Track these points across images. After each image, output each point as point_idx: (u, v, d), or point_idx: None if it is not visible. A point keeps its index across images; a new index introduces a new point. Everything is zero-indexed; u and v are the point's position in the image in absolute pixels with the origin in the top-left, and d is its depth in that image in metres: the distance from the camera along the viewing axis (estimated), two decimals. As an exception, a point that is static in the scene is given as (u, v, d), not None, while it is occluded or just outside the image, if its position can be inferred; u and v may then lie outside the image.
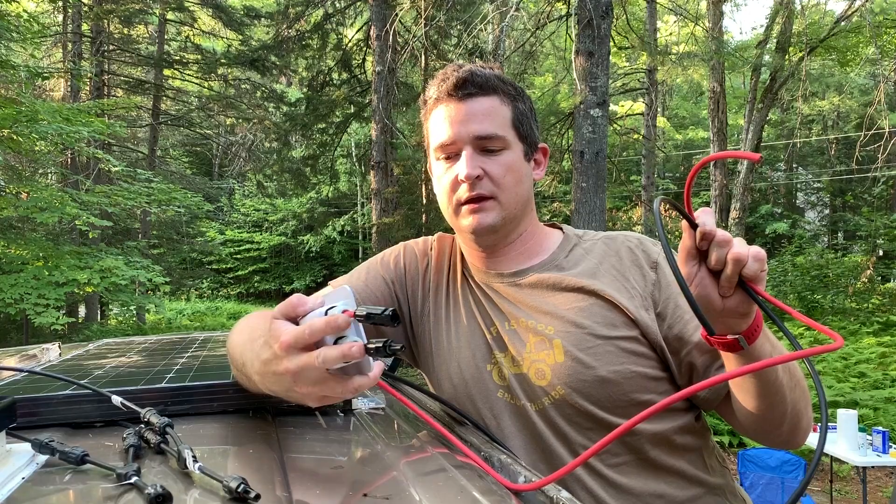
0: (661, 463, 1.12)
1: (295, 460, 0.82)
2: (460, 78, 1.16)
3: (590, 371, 1.10)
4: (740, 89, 25.11)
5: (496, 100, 1.18)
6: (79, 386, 1.00)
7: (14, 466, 0.73)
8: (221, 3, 17.71)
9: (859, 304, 11.53)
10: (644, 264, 1.18)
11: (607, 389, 1.10)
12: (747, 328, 0.87)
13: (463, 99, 1.16)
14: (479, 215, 1.17)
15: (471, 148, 1.16)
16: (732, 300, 0.85)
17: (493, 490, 0.75)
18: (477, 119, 1.15)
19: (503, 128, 1.17)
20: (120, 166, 10.64)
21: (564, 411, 1.13)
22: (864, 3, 13.47)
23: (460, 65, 1.20)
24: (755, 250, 0.82)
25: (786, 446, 1.08)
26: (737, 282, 0.83)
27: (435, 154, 1.22)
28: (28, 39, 9.77)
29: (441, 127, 1.18)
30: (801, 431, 1.04)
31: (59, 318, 8.56)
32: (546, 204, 19.72)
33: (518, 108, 1.21)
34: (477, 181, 1.15)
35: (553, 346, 1.14)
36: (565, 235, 1.29)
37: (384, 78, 13.33)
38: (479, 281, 1.28)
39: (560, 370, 1.11)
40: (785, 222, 26.14)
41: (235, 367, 0.97)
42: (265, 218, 29.92)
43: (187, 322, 19.98)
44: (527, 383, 1.15)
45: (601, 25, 7.50)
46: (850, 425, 4.78)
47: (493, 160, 1.16)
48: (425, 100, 1.24)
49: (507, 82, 1.20)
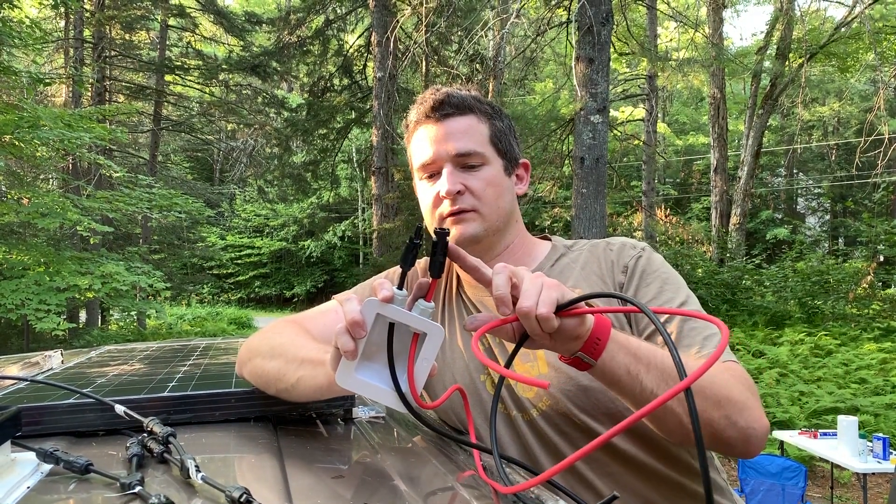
0: (653, 471, 1.12)
1: (296, 469, 0.83)
2: (437, 100, 1.20)
3: (572, 381, 1.11)
4: (740, 95, 25.16)
5: (473, 118, 1.22)
6: (82, 395, 1.01)
7: (19, 475, 0.74)
8: (223, 9, 17.78)
9: (860, 309, 11.51)
10: (615, 269, 1.20)
11: (592, 397, 1.11)
12: (583, 347, 0.86)
13: (441, 119, 1.21)
14: (461, 226, 1.20)
15: (451, 165, 1.20)
16: (560, 329, 0.83)
17: (487, 497, 0.76)
18: (455, 137, 1.20)
19: (482, 144, 1.21)
20: (121, 172, 10.65)
21: (553, 421, 1.13)
22: (863, 9, 13.50)
23: (437, 88, 1.24)
24: (543, 297, 0.81)
25: (727, 454, 1.03)
26: (554, 312, 0.81)
27: (418, 174, 1.27)
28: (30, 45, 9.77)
29: (422, 147, 1.23)
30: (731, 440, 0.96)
31: (59, 323, 8.55)
32: (547, 209, 19.72)
33: (495, 126, 1.25)
34: (458, 196, 1.19)
35: (536, 357, 1.16)
36: (553, 246, 1.31)
37: (385, 84, 13.36)
38: (471, 296, 1.30)
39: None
40: (785, 228, 26.16)
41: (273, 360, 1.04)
42: (266, 223, 29.95)
43: (188, 327, 19.97)
44: (514, 394, 1.17)
45: (601, 32, 7.52)
46: (851, 431, 4.78)
47: (474, 175, 1.20)
48: (407, 124, 1.28)
49: (484, 102, 1.25)
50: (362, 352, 0.82)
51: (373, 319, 0.81)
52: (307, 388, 0.96)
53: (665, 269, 1.19)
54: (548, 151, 11.08)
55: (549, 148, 11.10)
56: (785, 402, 7.57)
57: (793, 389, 7.81)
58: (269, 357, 1.06)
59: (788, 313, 11.97)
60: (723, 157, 16.67)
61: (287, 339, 1.11)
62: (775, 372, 8.40)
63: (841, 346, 9.59)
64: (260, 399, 1.07)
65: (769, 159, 28.24)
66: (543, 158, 11.29)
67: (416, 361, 0.83)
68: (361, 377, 0.84)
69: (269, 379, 1.04)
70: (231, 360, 1.50)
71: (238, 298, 30.20)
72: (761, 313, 11.86)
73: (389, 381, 0.83)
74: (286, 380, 0.99)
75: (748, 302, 12.54)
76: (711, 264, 13.79)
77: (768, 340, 10.26)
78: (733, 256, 14.73)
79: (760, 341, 10.12)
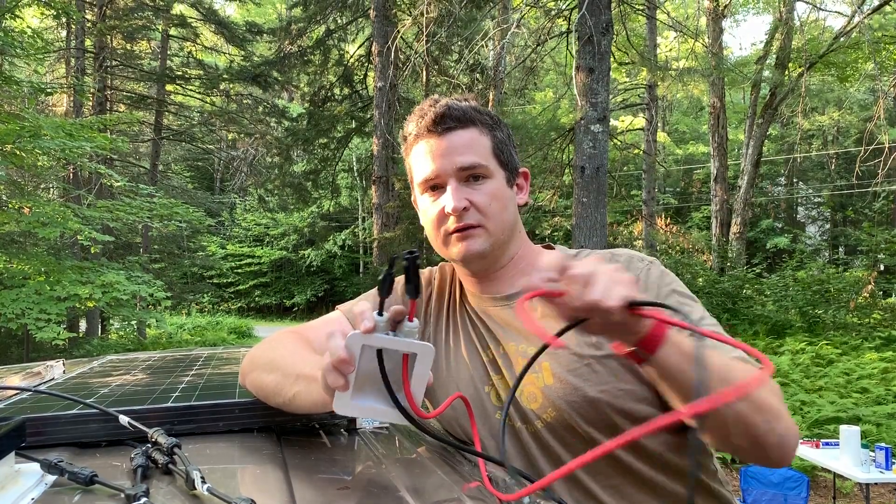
0: (656, 483, 1.12)
1: (301, 481, 0.82)
2: (438, 113, 1.18)
3: (578, 392, 1.11)
4: (740, 104, 25.21)
5: (475, 131, 1.20)
6: (86, 405, 1.01)
7: (24, 487, 0.74)
8: (224, 20, 17.84)
9: (861, 319, 11.49)
10: None
11: (598, 409, 1.10)
12: (641, 341, 0.89)
13: (443, 133, 1.18)
14: (468, 242, 1.19)
15: (455, 180, 1.18)
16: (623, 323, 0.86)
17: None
18: (458, 151, 1.18)
19: (485, 157, 1.20)
20: (122, 181, 10.66)
21: (558, 433, 1.13)
22: (862, 19, 13.54)
23: (436, 99, 1.22)
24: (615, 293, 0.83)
25: (761, 462, 1.04)
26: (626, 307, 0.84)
27: (419, 188, 1.25)
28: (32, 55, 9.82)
29: (423, 162, 1.21)
30: (770, 446, 0.98)
31: (60, 332, 8.52)
32: (547, 218, 19.73)
33: (497, 137, 1.23)
34: (464, 213, 1.18)
35: (542, 368, 1.15)
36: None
37: (385, 93, 13.40)
38: (475, 306, 1.29)
39: (550, 393, 1.12)
40: (786, 237, 26.15)
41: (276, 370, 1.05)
42: (266, 232, 29.94)
43: (188, 337, 19.91)
44: (519, 406, 1.17)
45: (601, 42, 7.54)
46: (853, 441, 4.76)
47: (478, 190, 1.19)
48: (405, 136, 1.26)
49: (484, 113, 1.23)
50: (356, 379, 0.83)
51: (359, 352, 0.81)
52: (304, 402, 0.96)
53: (677, 281, 1.20)
54: (548, 161, 11.10)
55: (549, 157, 11.12)
56: (786, 411, 7.53)
57: (794, 399, 7.77)
58: (267, 370, 1.07)
59: (789, 322, 11.95)
60: (723, 167, 16.71)
61: (287, 352, 1.12)
62: (776, 381, 8.38)
63: (842, 356, 9.57)
64: (263, 409, 1.07)
65: (769, 168, 28.27)
66: (544, 167, 11.31)
67: (410, 379, 0.84)
68: (358, 402, 0.85)
69: (267, 392, 1.05)
70: (233, 370, 1.50)
71: (238, 307, 30.15)
72: (762, 322, 11.85)
73: (387, 399, 0.84)
74: (283, 394, 1.00)
75: (749, 311, 12.53)
76: (712, 273, 13.80)
77: (769, 350, 10.24)
78: (734, 265, 14.73)
79: (761, 350, 10.10)
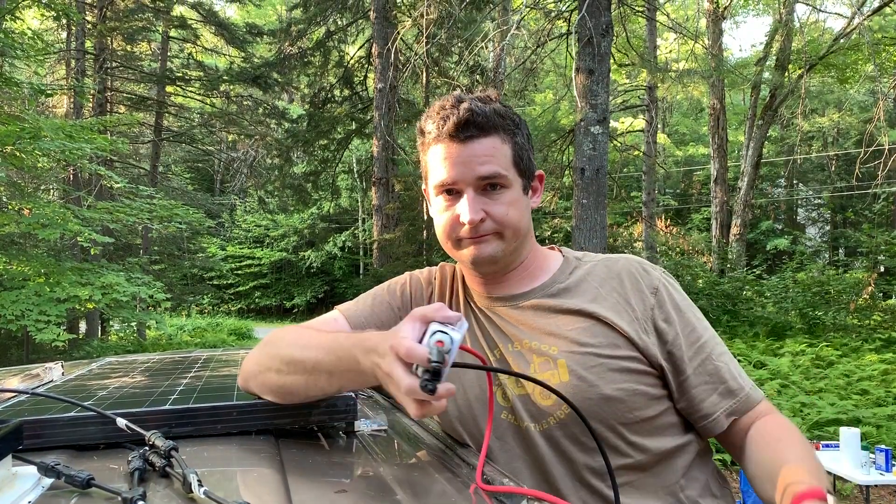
0: (662, 484, 1.13)
1: (299, 483, 0.82)
2: (462, 119, 1.14)
3: (594, 389, 1.11)
4: (740, 106, 25.24)
5: (497, 139, 1.17)
6: (83, 408, 1.00)
7: (21, 490, 0.74)
8: (224, 21, 17.85)
9: (861, 320, 11.49)
10: (644, 289, 1.20)
11: (612, 407, 1.11)
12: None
13: (465, 141, 1.15)
14: (480, 246, 1.18)
15: (473, 190, 1.16)
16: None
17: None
18: (479, 160, 1.15)
19: (505, 167, 1.17)
20: (122, 182, 10.62)
21: (569, 430, 1.13)
22: (862, 20, 13.55)
23: (459, 98, 1.18)
24: None
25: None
26: None
27: (434, 189, 1.22)
28: (32, 57, 9.81)
29: (442, 166, 1.18)
30: None
31: (59, 334, 8.51)
32: (547, 220, 19.72)
33: (518, 143, 1.20)
34: (479, 224, 1.16)
35: (558, 365, 1.15)
36: (565, 258, 1.31)
37: (386, 95, 13.40)
38: (482, 306, 1.29)
39: (565, 389, 1.11)
40: (786, 238, 26.16)
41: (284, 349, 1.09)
42: (266, 234, 29.95)
43: (188, 338, 19.91)
44: (531, 403, 1.16)
45: (601, 43, 7.54)
46: (853, 443, 4.75)
47: (495, 200, 1.17)
48: (422, 130, 1.22)
49: (506, 116, 1.19)
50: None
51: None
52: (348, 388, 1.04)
53: (686, 297, 1.24)
54: (548, 162, 11.10)
55: (549, 159, 11.12)
56: (786, 413, 7.53)
57: (794, 401, 7.77)
58: (286, 370, 1.05)
59: (789, 324, 11.95)
60: (723, 168, 16.71)
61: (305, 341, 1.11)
62: (776, 383, 8.36)
63: (842, 357, 9.55)
64: (262, 412, 1.06)
65: (769, 170, 28.28)
66: (544, 169, 11.28)
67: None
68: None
69: (293, 389, 1.05)
70: (232, 372, 1.50)
71: (238, 309, 30.16)
72: (762, 324, 11.84)
73: None
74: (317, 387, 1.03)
75: (749, 313, 12.53)
76: (712, 275, 13.78)
77: (769, 351, 10.23)
78: (734, 267, 14.73)
79: (761, 352, 10.09)
